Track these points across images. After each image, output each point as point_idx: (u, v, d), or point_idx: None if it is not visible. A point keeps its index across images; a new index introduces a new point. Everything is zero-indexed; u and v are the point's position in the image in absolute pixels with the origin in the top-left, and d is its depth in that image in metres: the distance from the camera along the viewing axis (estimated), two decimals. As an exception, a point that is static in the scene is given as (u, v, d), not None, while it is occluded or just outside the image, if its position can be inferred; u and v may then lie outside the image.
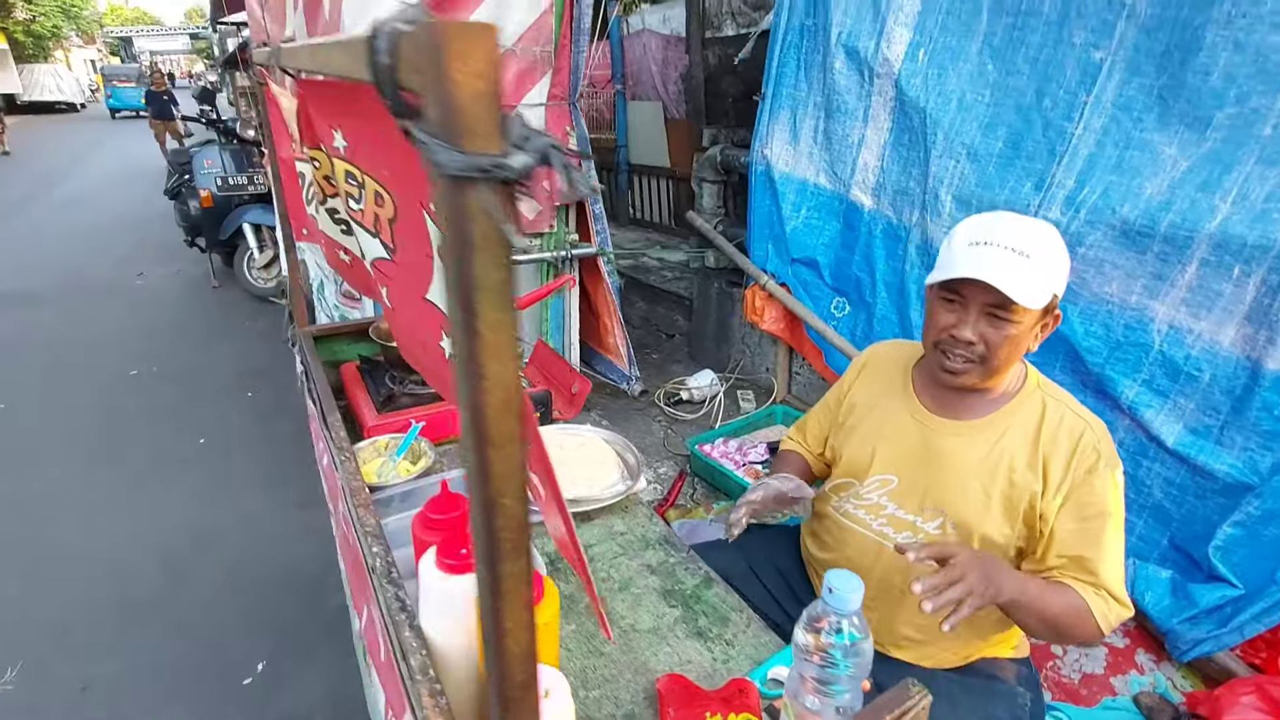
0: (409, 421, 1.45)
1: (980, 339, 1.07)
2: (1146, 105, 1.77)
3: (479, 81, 0.27)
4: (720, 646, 1.05)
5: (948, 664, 1.26)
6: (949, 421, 1.20)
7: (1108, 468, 1.08)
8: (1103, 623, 1.05)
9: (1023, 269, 1.02)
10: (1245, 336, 1.65)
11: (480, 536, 0.33)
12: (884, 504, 1.25)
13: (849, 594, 0.72)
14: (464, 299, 0.30)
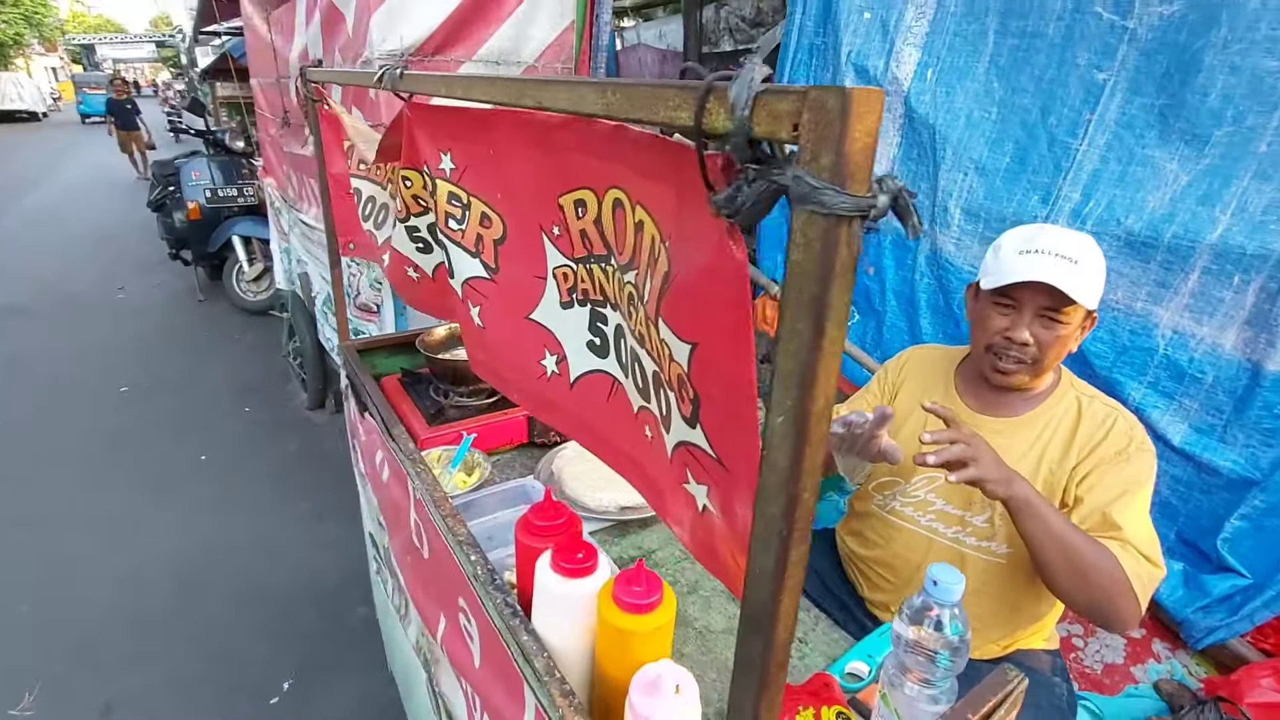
0: (460, 434, 1.48)
1: (1034, 340, 1.16)
2: (1148, 123, 1.87)
3: (868, 139, 0.32)
4: (795, 645, 1.09)
5: (989, 655, 1.33)
6: (991, 419, 1.28)
7: (1139, 451, 1.16)
8: (1135, 581, 1.05)
9: (1074, 273, 1.12)
10: (1246, 340, 1.75)
11: (776, 525, 0.37)
12: (931, 500, 1.32)
13: (952, 585, 0.77)
14: (816, 317, 0.34)
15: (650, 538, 1.33)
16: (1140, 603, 1.07)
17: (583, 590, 0.80)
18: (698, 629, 1.11)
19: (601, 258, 0.68)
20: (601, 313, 0.73)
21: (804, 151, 0.34)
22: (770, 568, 0.37)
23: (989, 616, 1.30)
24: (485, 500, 1.37)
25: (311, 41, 2.65)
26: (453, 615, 0.96)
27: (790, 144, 0.36)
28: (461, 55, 2.20)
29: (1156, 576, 1.11)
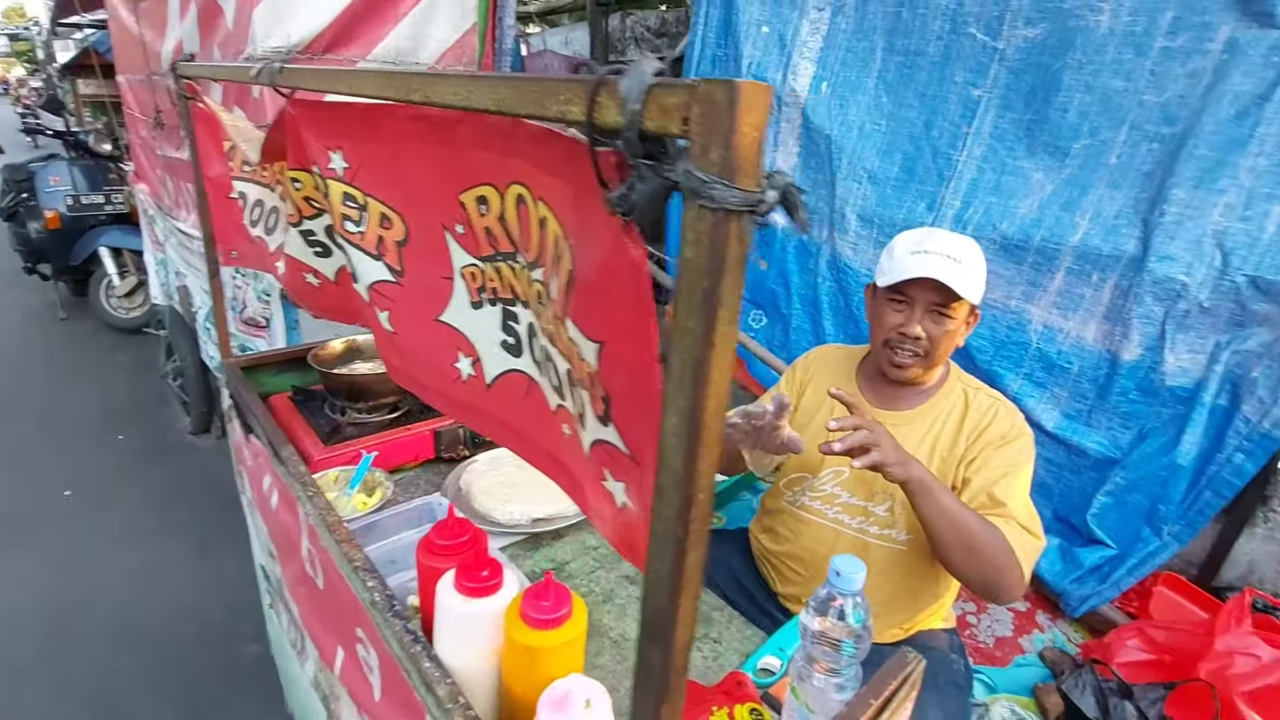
0: (359, 453, 1.40)
1: (925, 334, 1.24)
2: (1017, 136, 2.03)
3: (756, 133, 0.32)
4: (709, 645, 1.10)
5: (892, 638, 1.39)
6: (889, 413, 1.35)
7: (1019, 435, 1.26)
8: (1020, 552, 1.12)
9: (958, 271, 1.21)
10: (1105, 333, 1.92)
11: (671, 528, 0.36)
12: (838, 493, 1.37)
13: (854, 575, 0.80)
14: (706, 314, 0.33)
15: (563, 549, 1.31)
16: (1024, 573, 1.16)
17: (488, 609, 0.77)
18: (613, 638, 1.09)
19: (508, 255, 0.66)
20: (513, 311, 0.71)
21: (694, 146, 0.34)
22: (666, 572, 0.37)
23: (892, 602, 1.37)
24: (388, 521, 1.30)
25: (187, 36, 2.46)
26: (350, 647, 0.91)
27: (681, 139, 0.36)
28: (355, 55, 2.10)
29: (1038, 547, 1.19)
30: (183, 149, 2.82)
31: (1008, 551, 1.13)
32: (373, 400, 1.50)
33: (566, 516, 1.34)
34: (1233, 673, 1.36)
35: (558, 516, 1.33)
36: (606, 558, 1.29)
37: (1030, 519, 1.20)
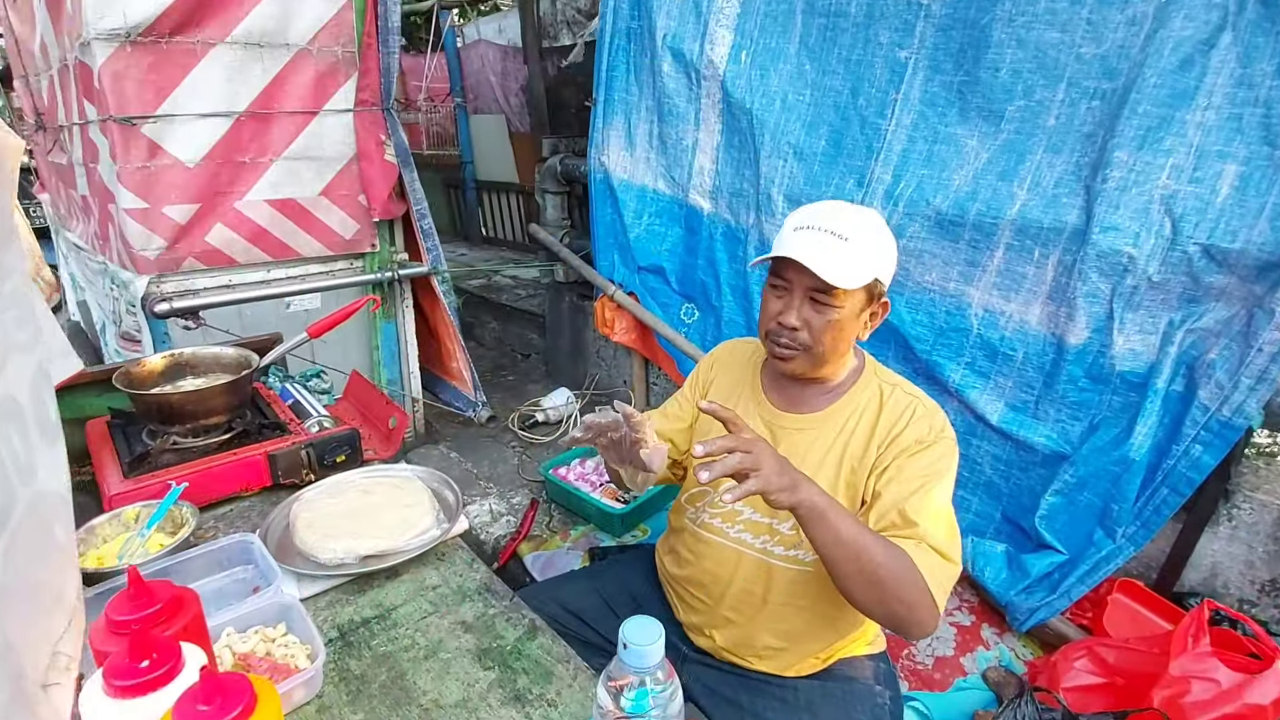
0: (167, 484, 1.19)
1: (804, 325, 1.05)
2: (949, 101, 1.85)
3: None
4: (541, 709, 0.90)
5: (809, 669, 1.21)
6: (794, 415, 1.17)
7: (939, 439, 1.06)
8: (930, 579, 0.95)
9: (839, 251, 1.00)
10: (1049, 314, 1.74)
11: None
12: (739, 509, 1.19)
13: (647, 648, 0.60)
14: None
15: (396, 591, 1.10)
16: (938, 604, 0.97)
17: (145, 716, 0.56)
18: (423, 705, 0.89)
19: None
20: None
21: None
22: None
23: (803, 631, 1.18)
24: (191, 565, 1.09)
25: (44, 27, 2.24)
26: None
27: None
28: (211, 37, 1.89)
29: (952, 574, 1.01)
30: (62, 154, 2.60)
31: (918, 582, 0.95)
32: (192, 422, 1.29)
33: (405, 551, 1.14)
34: (1189, 701, 1.18)
35: (392, 552, 1.13)
36: (444, 599, 1.09)
37: (948, 540, 1.01)
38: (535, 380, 3.53)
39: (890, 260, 1.07)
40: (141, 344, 2.09)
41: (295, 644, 0.94)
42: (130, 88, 1.83)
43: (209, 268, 2.13)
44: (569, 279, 3.14)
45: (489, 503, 2.31)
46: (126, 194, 1.91)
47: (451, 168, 5.66)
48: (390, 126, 2.29)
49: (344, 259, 2.41)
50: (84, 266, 2.84)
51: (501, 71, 5.06)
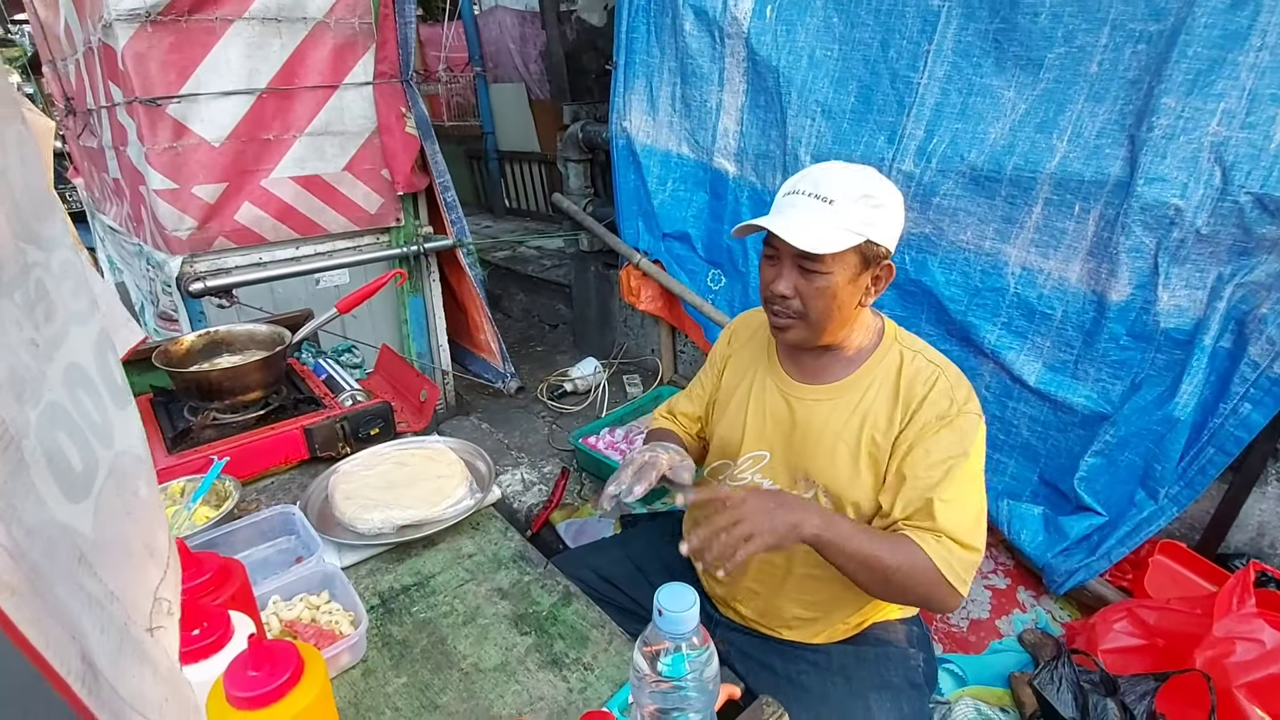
0: (209, 459, 1.23)
1: (795, 293, 1.02)
2: (984, 50, 1.77)
3: None
4: (578, 673, 0.92)
5: (841, 635, 1.21)
6: (811, 387, 1.14)
7: (961, 413, 1.03)
8: (947, 570, 0.96)
9: (821, 215, 0.97)
10: (1089, 271, 1.68)
11: None
12: (759, 481, 1.18)
13: (683, 614, 0.60)
14: None
15: (433, 560, 1.13)
16: (958, 589, 0.98)
17: (198, 681, 0.59)
18: (464, 669, 0.92)
19: None
20: None
21: None
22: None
23: (830, 600, 1.18)
24: (235, 536, 1.13)
25: (68, 11, 2.26)
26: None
27: None
28: (229, 13, 1.89)
29: (974, 560, 1.01)
30: (92, 138, 2.64)
31: (931, 576, 0.97)
32: (231, 398, 1.32)
33: (441, 520, 1.16)
34: (1232, 661, 1.16)
35: (429, 521, 1.15)
36: (480, 567, 1.11)
37: (972, 527, 1.00)
38: (563, 350, 3.54)
39: (890, 220, 1.00)
40: (179, 323, 2.14)
41: (339, 611, 0.97)
42: (154, 68, 1.84)
43: (240, 246, 2.16)
44: (594, 248, 3.12)
45: (520, 472, 2.34)
46: (156, 175, 1.94)
47: (473, 139, 5.62)
48: (410, 98, 2.27)
49: (370, 234, 2.43)
50: (120, 248, 2.91)
51: (520, 38, 4.98)
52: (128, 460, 0.50)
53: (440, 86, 4.99)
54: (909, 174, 1.91)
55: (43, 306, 0.42)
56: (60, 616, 0.33)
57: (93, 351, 0.48)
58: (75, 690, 0.32)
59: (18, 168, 0.41)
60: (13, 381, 0.36)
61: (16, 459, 0.34)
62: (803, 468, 1.13)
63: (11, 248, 0.39)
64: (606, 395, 2.85)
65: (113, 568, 0.42)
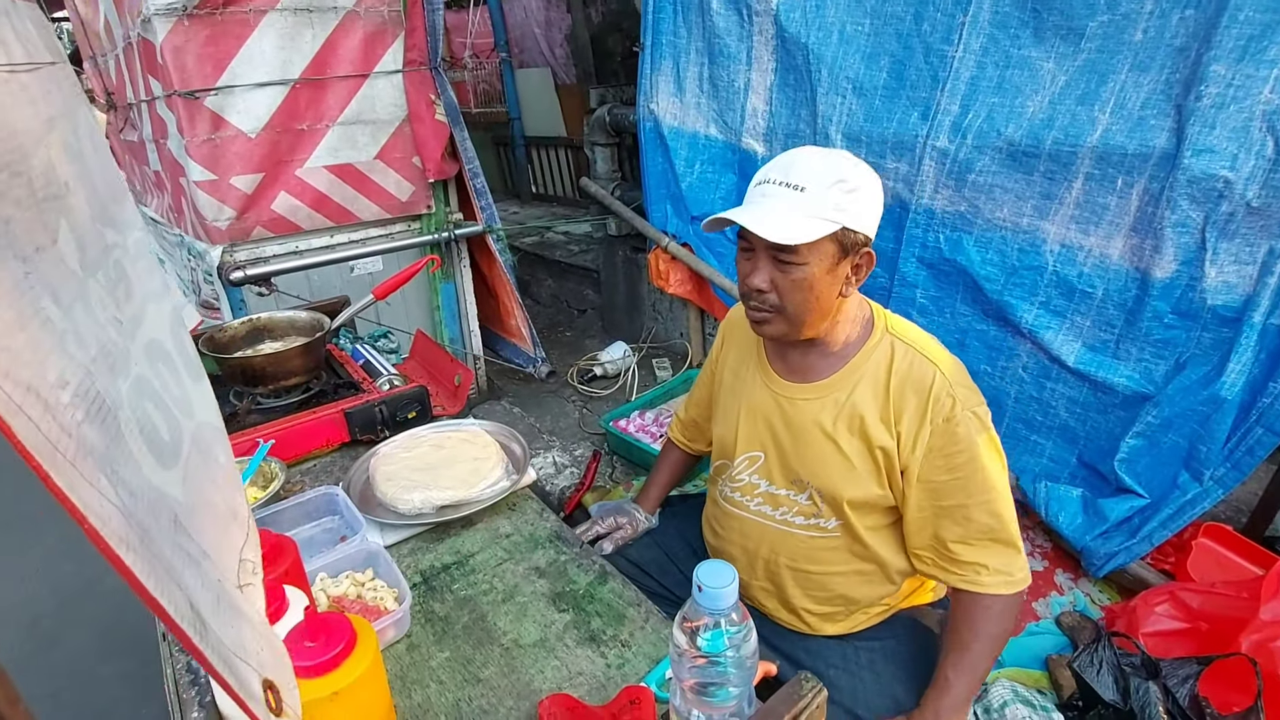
0: (256, 442, 1.27)
1: (771, 286, 0.99)
2: (1022, 20, 1.72)
3: None
4: (615, 650, 0.93)
5: (866, 624, 1.20)
6: (798, 386, 1.11)
7: (966, 410, 1.00)
8: (1009, 589, 1.02)
9: (792, 204, 0.93)
10: (1133, 247, 1.64)
11: None
12: (756, 482, 1.17)
13: (722, 590, 0.61)
14: None
15: (472, 539, 1.16)
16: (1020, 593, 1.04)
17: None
18: (504, 645, 0.94)
19: None
20: None
21: None
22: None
23: (848, 594, 1.16)
24: (281, 515, 1.17)
25: (107, 7, 2.31)
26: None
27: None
28: (262, 4, 1.92)
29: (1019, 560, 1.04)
30: (133, 132, 2.71)
31: (1013, 604, 1.05)
32: (273, 383, 1.36)
33: (479, 501, 1.19)
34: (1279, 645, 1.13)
35: (467, 502, 1.18)
36: (518, 546, 1.14)
37: (1006, 527, 1.02)
38: (592, 335, 3.56)
39: (866, 205, 0.96)
40: (220, 310, 2.20)
41: (383, 587, 1.00)
42: (191, 61, 1.88)
43: (277, 235, 2.20)
44: (622, 232, 3.12)
45: (552, 455, 2.37)
46: (195, 167, 1.99)
47: (499, 124, 5.63)
48: (439, 85, 2.29)
49: (402, 221, 2.46)
50: (161, 239, 2.99)
51: (545, 22, 4.96)
52: (208, 430, 0.52)
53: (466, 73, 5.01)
54: (943, 150, 1.87)
55: (123, 286, 0.44)
56: (169, 570, 0.36)
57: (169, 328, 0.50)
58: (190, 635, 0.34)
59: (92, 152, 0.43)
60: (105, 356, 0.38)
61: (115, 429, 0.37)
62: (794, 468, 1.12)
63: (93, 230, 0.41)
64: (636, 379, 2.86)
65: (203, 529, 0.44)
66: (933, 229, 1.95)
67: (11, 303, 0.30)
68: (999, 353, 1.90)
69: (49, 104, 0.38)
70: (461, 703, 0.86)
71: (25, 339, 0.31)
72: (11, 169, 0.33)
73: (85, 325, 0.37)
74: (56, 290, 0.35)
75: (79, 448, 0.32)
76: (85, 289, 0.39)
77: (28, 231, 0.33)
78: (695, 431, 1.43)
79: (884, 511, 1.09)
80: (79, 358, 0.35)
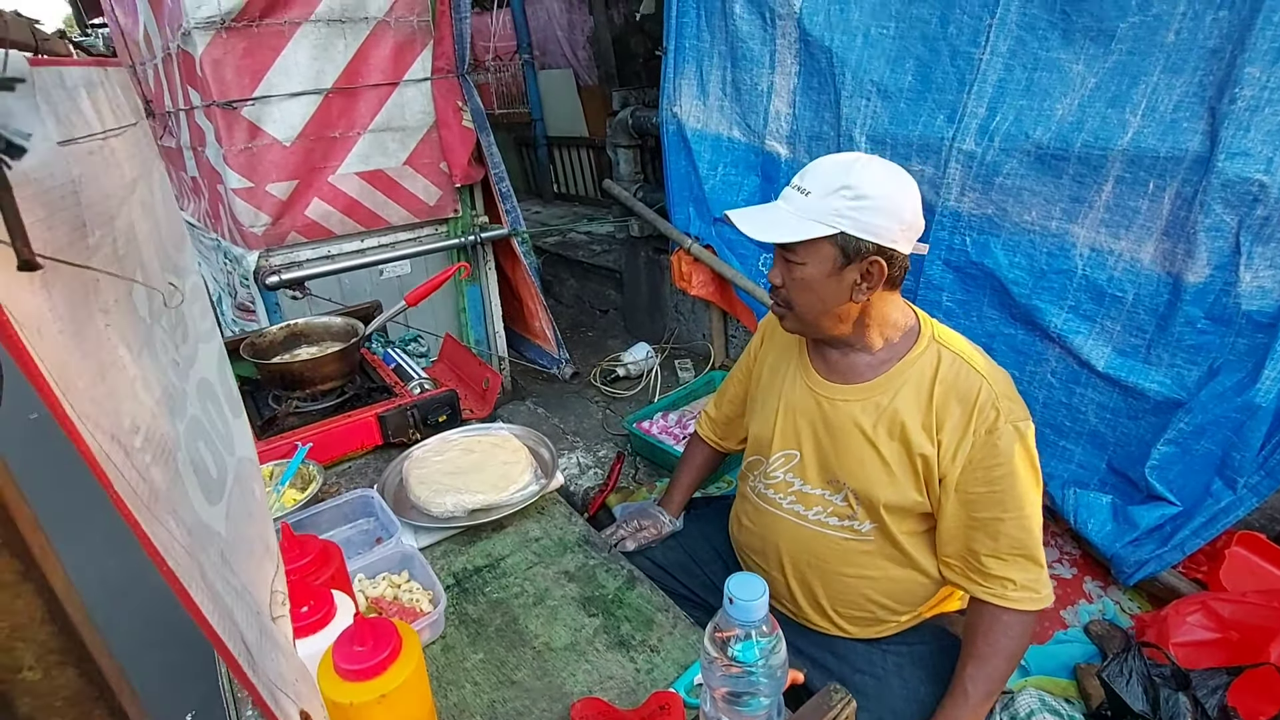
0: (294, 445, 1.31)
1: (783, 282, 1.06)
2: (1050, 22, 1.70)
3: None
4: (644, 655, 0.96)
5: (895, 630, 1.21)
6: (841, 387, 1.13)
7: (1009, 424, 1.00)
8: (1034, 605, 1.03)
9: (795, 206, 0.99)
10: (1164, 252, 1.62)
11: None
12: (791, 480, 1.18)
13: (753, 603, 0.63)
14: None
15: (503, 542, 1.19)
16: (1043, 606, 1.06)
17: (307, 654, 0.64)
18: (536, 648, 0.97)
19: None
20: None
21: None
22: None
23: (878, 601, 1.17)
24: (320, 517, 1.21)
25: (146, 19, 2.38)
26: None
27: None
28: (296, 16, 1.96)
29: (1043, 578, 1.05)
30: (170, 137, 2.79)
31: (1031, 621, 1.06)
32: (310, 387, 1.40)
33: (509, 505, 1.21)
34: (1315, 658, 1.12)
35: (497, 506, 1.21)
36: (547, 550, 1.16)
37: (1033, 545, 1.03)
38: (614, 336, 3.58)
39: (875, 214, 0.96)
40: (255, 313, 2.25)
41: (418, 589, 1.03)
42: (229, 73, 1.94)
43: (310, 240, 2.26)
44: (644, 233, 3.13)
45: (576, 456, 2.40)
46: (233, 174, 2.05)
47: (522, 125, 5.67)
48: (466, 92, 2.32)
49: (430, 225, 2.51)
50: (198, 243, 3.07)
51: (567, 24, 4.99)
52: (247, 465, 0.55)
53: (489, 75, 5.05)
54: (970, 153, 1.86)
55: (181, 329, 0.47)
56: (222, 606, 0.38)
57: (216, 367, 0.53)
58: (244, 669, 0.37)
59: (162, 205, 0.46)
60: (167, 398, 0.41)
61: (174, 469, 0.39)
62: (832, 469, 1.13)
63: (160, 278, 0.44)
64: (659, 380, 2.88)
65: (243, 564, 0.47)
66: (959, 231, 1.94)
67: (95, 354, 0.33)
68: (1027, 357, 1.88)
69: (132, 165, 0.41)
70: (496, 704, 0.88)
71: (106, 389, 0.33)
72: (102, 229, 0.35)
73: (151, 370, 0.40)
74: (129, 338, 0.38)
75: (151, 490, 0.34)
76: (151, 335, 0.41)
77: (111, 286, 0.36)
78: (726, 429, 1.45)
79: (920, 518, 1.10)
80: (146, 402, 0.38)
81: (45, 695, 0.21)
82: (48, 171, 0.32)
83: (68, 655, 0.21)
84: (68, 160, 0.35)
